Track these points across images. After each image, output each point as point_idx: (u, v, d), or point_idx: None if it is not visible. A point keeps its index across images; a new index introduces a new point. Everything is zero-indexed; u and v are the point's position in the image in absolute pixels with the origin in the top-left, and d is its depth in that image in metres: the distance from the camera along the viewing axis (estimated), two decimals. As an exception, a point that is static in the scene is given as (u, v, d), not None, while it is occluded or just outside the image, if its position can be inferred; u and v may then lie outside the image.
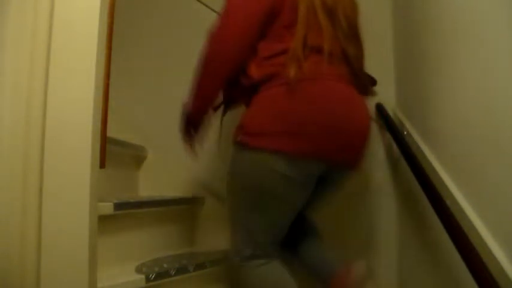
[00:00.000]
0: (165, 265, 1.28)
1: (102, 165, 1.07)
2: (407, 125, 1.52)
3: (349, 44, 1.13)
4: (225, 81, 1.13)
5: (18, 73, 0.98)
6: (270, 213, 1.09)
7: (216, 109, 1.27)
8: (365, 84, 1.19)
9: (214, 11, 1.53)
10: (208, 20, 1.20)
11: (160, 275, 1.20)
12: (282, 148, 1.02)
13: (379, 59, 1.74)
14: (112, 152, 1.37)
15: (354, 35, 1.18)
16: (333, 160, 1.07)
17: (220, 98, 1.22)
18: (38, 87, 0.98)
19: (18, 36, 0.98)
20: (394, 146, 1.55)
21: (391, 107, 1.69)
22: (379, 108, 1.67)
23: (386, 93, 1.72)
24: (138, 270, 1.21)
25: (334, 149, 1.05)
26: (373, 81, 1.69)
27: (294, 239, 1.29)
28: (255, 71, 1.08)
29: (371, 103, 1.71)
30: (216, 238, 1.72)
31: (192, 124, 1.24)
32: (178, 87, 1.43)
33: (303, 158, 1.03)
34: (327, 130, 1.03)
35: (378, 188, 1.68)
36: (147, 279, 1.16)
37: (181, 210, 1.67)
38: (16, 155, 0.96)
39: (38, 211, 0.95)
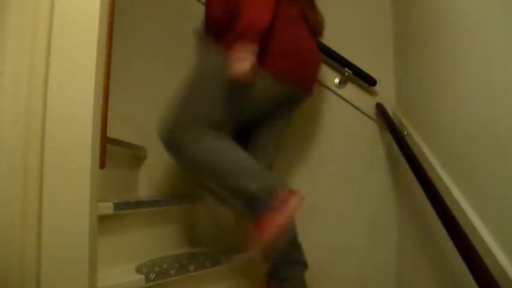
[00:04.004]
0: (165, 265, 1.28)
1: (102, 165, 1.07)
2: (407, 125, 1.52)
3: None
4: None
5: (18, 73, 0.97)
6: (237, 105, 1.25)
7: None
8: (315, 27, 1.42)
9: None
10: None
11: (160, 275, 1.20)
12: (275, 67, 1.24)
13: (379, 59, 1.74)
14: (112, 152, 1.37)
15: None
16: (304, 84, 1.36)
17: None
18: (38, 87, 0.97)
19: (19, 35, 0.98)
20: (394, 146, 1.55)
21: (391, 107, 1.69)
22: (379, 108, 1.67)
23: (386, 93, 1.72)
24: (138, 270, 1.21)
25: (309, 76, 1.36)
26: (373, 81, 1.70)
27: None
28: None
29: (371, 103, 1.72)
30: (216, 238, 1.72)
31: (255, 40, 1.16)
32: (179, 87, 1.42)
33: (286, 80, 1.27)
34: (305, 61, 1.33)
35: (378, 188, 1.68)
36: (147, 279, 1.16)
37: (181, 210, 1.67)
38: (16, 154, 0.96)
39: (38, 211, 0.94)
